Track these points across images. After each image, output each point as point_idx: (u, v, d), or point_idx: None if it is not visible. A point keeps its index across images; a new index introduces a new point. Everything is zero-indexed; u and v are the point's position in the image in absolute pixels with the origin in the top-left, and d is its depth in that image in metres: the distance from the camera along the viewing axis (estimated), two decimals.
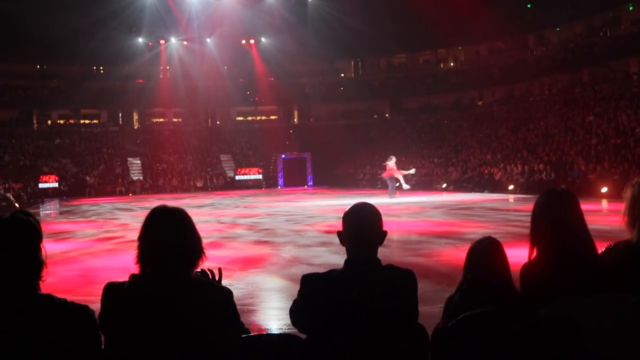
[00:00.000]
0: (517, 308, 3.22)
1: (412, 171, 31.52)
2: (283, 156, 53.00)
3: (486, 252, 3.56)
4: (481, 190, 33.85)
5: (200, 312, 2.78)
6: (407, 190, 30.97)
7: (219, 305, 2.87)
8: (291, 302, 3.24)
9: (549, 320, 2.98)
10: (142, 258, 2.88)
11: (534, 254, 3.44)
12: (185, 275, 2.84)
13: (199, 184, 49.57)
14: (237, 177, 51.02)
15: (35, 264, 2.69)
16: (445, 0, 45.33)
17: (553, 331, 2.95)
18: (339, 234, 3.25)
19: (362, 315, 3.00)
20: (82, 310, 2.71)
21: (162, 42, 56.84)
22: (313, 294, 3.12)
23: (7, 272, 2.63)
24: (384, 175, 31.13)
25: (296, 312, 3.21)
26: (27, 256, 2.67)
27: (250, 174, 51.32)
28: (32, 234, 2.73)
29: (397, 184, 30.64)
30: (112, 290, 2.86)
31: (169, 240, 2.82)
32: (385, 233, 3.24)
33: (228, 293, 2.94)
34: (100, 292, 2.90)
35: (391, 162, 30.11)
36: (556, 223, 3.35)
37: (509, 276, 3.51)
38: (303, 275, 3.21)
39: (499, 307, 3.12)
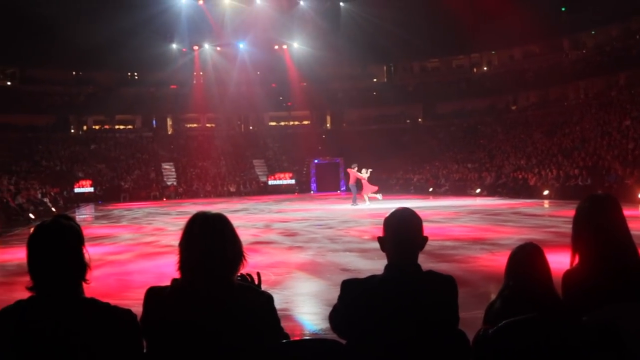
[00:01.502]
0: (560, 315, 3.18)
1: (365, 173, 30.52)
2: (316, 161, 53.05)
3: (528, 258, 3.51)
4: (516, 196, 33.51)
5: (242, 316, 2.78)
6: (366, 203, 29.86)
7: (260, 310, 2.86)
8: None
9: (592, 328, 2.94)
10: (183, 264, 2.87)
11: (576, 260, 3.40)
12: (227, 280, 2.84)
13: (232, 189, 49.83)
14: (270, 182, 51.21)
15: (79, 267, 2.72)
16: (479, 4, 45.12)
17: (597, 339, 2.91)
18: (380, 239, 3.24)
19: (403, 321, 2.98)
20: (125, 314, 2.73)
21: (195, 48, 57.28)
22: (353, 300, 3.11)
23: (52, 275, 2.66)
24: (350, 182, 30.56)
25: (336, 317, 3.20)
26: (71, 260, 2.70)
27: (283, 179, 51.49)
28: (75, 237, 2.76)
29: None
30: (154, 295, 2.86)
31: (211, 246, 2.81)
32: (426, 239, 3.22)
33: (269, 297, 2.94)
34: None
35: (355, 171, 29.95)
36: (599, 229, 3.31)
37: (550, 283, 3.47)
38: (343, 281, 3.20)
39: (542, 314, 3.08)
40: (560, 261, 3.51)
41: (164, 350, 2.77)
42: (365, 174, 29.84)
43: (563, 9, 49.25)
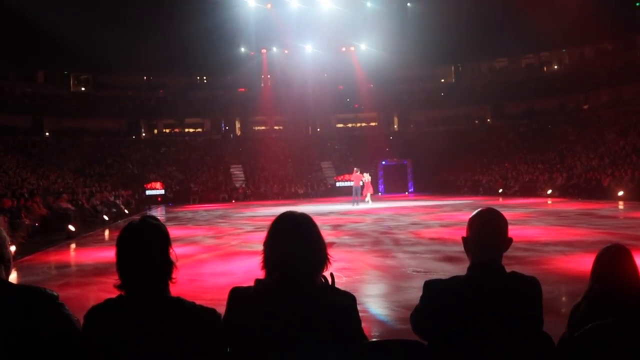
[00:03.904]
0: None
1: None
2: (383, 163, 52.92)
3: (614, 259, 3.43)
4: (588, 197, 32.74)
5: (326, 316, 2.77)
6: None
7: (344, 310, 2.86)
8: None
9: None
10: (269, 263, 2.88)
11: None
12: (312, 281, 2.84)
13: (300, 191, 50.03)
14: (337, 184, 51.22)
15: (167, 266, 2.78)
16: (548, 1, 44.25)
17: None
18: (464, 239, 3.21)
19: (487, 322, 2.95)
20: (211, 313, 2.77)
21: (263, 51, 57.75)
22: (436, 300, 3.09)
23: (141, 274, 2.72)
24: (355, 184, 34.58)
25: (418, 318, 3.18)
26: (159, 259, 2.76)
27: (350, 181, 51.45)
28: (163, 237, 2.82)
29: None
30: (239, 295, 2.87)
31: (298, 246, 2.82)
32: (510, 240, 3.18)
33: (352, 298, 2.92)
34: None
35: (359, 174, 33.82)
36: None
37: (638, 285, 3.38)
38: (426, 281, 3.18)
39: (630, 316, 3.00)
40: None
41: (249, 349, 2.79)
42: (367, 178, 33.99)
43: (638, 4, 47.83)
